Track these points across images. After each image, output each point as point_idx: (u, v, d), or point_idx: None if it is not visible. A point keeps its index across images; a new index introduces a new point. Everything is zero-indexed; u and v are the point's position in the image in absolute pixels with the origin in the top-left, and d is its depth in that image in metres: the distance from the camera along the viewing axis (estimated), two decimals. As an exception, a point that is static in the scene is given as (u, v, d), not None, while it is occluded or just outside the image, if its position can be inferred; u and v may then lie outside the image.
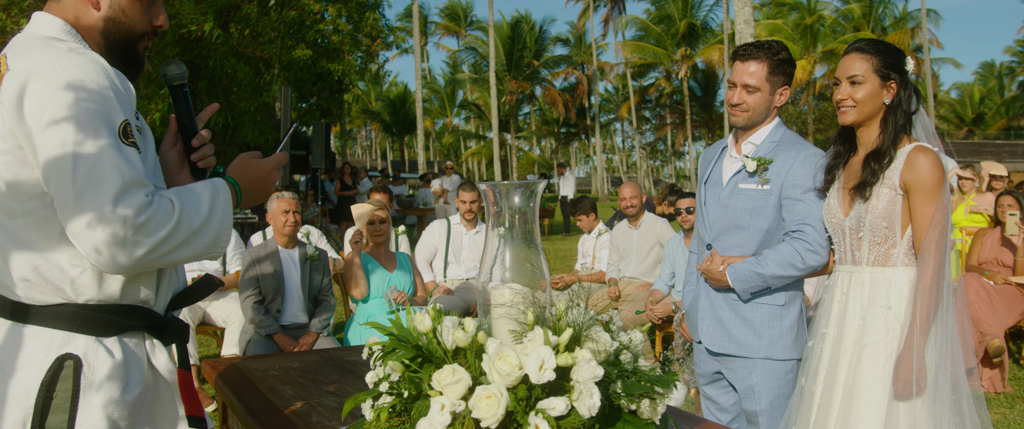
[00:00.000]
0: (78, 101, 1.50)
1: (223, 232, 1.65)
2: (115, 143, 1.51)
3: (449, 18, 54.46)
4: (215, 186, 1.68)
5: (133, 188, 1.50)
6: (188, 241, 1.57)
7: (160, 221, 1.52)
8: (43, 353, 1.58)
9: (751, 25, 12.75)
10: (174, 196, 1.59)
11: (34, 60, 1.53)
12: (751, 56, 2.81)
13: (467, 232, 6.45)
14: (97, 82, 1.53)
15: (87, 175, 1.47)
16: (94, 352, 1.60)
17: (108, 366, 1.60)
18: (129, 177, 1.50)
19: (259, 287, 4.84)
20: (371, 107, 53.75)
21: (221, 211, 1.65)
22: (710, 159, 3.06)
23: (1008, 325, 5.70)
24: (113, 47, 1.71)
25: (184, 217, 1.56)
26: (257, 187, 1.80)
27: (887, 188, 2.49)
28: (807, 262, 2.70)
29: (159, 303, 1.73)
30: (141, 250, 1.51)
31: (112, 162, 1.49)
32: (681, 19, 43.56)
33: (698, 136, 51.18)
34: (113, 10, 1.69)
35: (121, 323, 1.64)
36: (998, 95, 56.75)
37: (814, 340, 2.68)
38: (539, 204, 1.63)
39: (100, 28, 1.69)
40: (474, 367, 1.47)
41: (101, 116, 1.51)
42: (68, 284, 1.58)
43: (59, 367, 1.57)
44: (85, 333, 1.60)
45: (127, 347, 1.66)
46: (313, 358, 3.15)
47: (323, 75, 16.75)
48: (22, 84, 1.51)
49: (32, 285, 1.58)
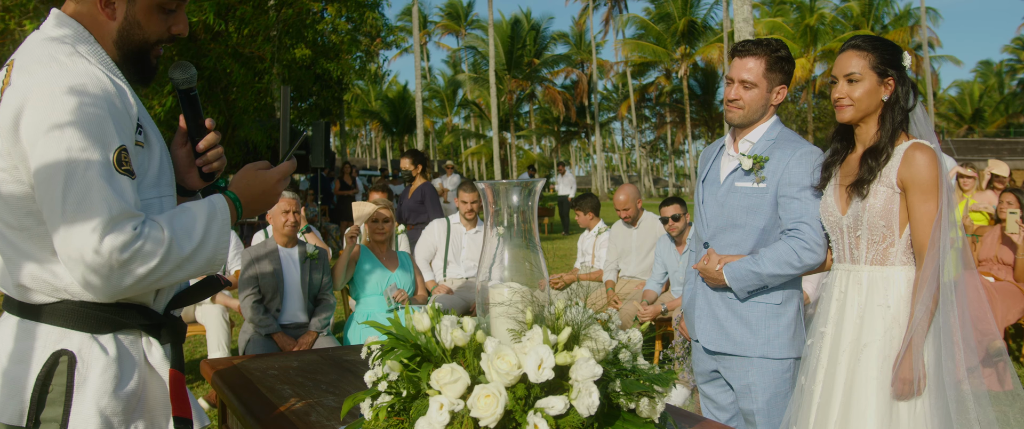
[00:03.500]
0: (73, 128, 1.50)
1: (219, 253, 1.65)
2: (107, 173, 1.52)
3: (449, 17, 54.45)
4: (213, 206, 1.67)
5: (122, 221, 1.51)
6: (180, 266, 1.59)
7: (148, 252, 1.53)
8: (39, 349, 1.61)
9: (750, 23, 12.74)
10: (166, 223, 1.59)
11: (35, 79, 1.54)
12: (749, 52, 2.81)
13: (467, 231, 6.46)
14: (94, 106, 1.53)
15: (76, 206, 1.49)
16: (88, 349, 1.62)
17: (102, 362, 1.63)
18: (117, 210, 1.50)
19: (258, 286, 4.84)
20: (371, 106, 53.73)
21: (216, 233, 1.65)
22: (709, 157, 3.06)
23: (1008, 323, 5.70)
24: (127, 55, 1.70)
25: (174, 245, 1.57)
26: (260, 200, 1.80)
27: (885, 186, 2.49)
28: (804, 260, 2.70)
29: (158, 302, 1.75)
30: (129, 280, 1.53)
31: (101, 194, 1.50)
32: (681, 17, 43.56)
33: (698, 135, 51.21)
34: (128, 22, 1.68)
35: (117, 321, 1.66)
36: (997, 93, 56.74)
37: (813, 339, 2.68)
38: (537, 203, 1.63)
39: (115, 38, 1.69)
40: (473, 366, 1.47)
41: (95, 144, 1.51)
42: (65, 288, 1.61)
43: (54, 363, 1.60)
44: (80, 330, 1.62)
45: (122, 344, 1.67)
46: (312, 357, 3.15)
47: (322, 75, 16.75)
48: (20, 106, 1.52)
49: (28, 290, 1.62)
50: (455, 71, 56.14)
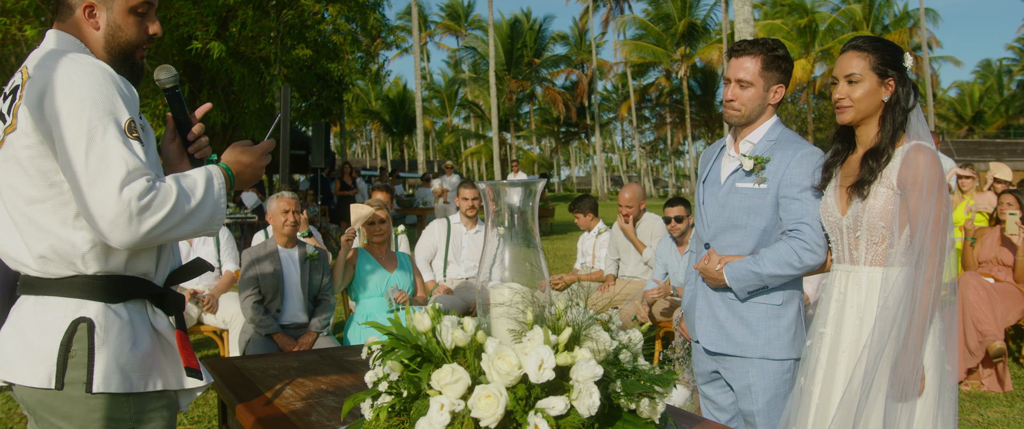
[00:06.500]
0: (90, 103, 1.74)
1: (218, 212, 1.87)
2: (122, 137, 1.75)
3: (449, 17, 54.45)
4: (209, 171, 1.90)
5: (137, 175, 1.72)
6: (186, 219, 1.79)
7: (160, 202, 1.74)
8: (60, 318, 1.82)
9: (750, 24, 12.74)
10: (173, 181, 1.80)
11: (52, 69, 1.78)
12: (745, 51, 2.82)
13: (467, 231, 6.45)
14: (105, 87, 1.78)
15: (97, 164, 1.71)
16: (104, 315, 1.84)
17: (117, 326, 1.85)
18: (133, 165, 1.72)
19: (259, 287, 4.84)
20: (371, 107, 53.72)
21: (215, 194, 1.87)
22: (709, 158, 3.06)
23: (1008, 324, 5.70)
24: (115, 58, 1.94)
25: (182, 199, 1.78)
26: (248, 170, 2.04)
27: (885, 187, 2.48)
28: (804, 261, 2.70)
29: (158, 276, 1.97)
30: (145, 227, 1.72)
31: (119, 153, 1.72)
32: (680, 19, 43.56)
33: (698, 135, 51.19)
34: (110, 28, 1.93)
35: (125, 292, 1.89)
36: (997, 94, 56.72)
37: (812, 340, 2.68)
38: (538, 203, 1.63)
39: (102, 44, 1.93)
40: (473, 366, 1.47)
41: (109, 115, 1.75)
42: (79, 259, 1.82)
43: (74, 329, 1.82)
44: (95, 300, 1.84)
45: (133, 310, 1.90)
46: (313, 358, 3.15)
47: (323, 75, 16.74)
48: (42, 89, 1.77)
49: (48, 261, 1.82)
50: (455, 71, 56.12)
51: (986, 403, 5.19)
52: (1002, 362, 5.46)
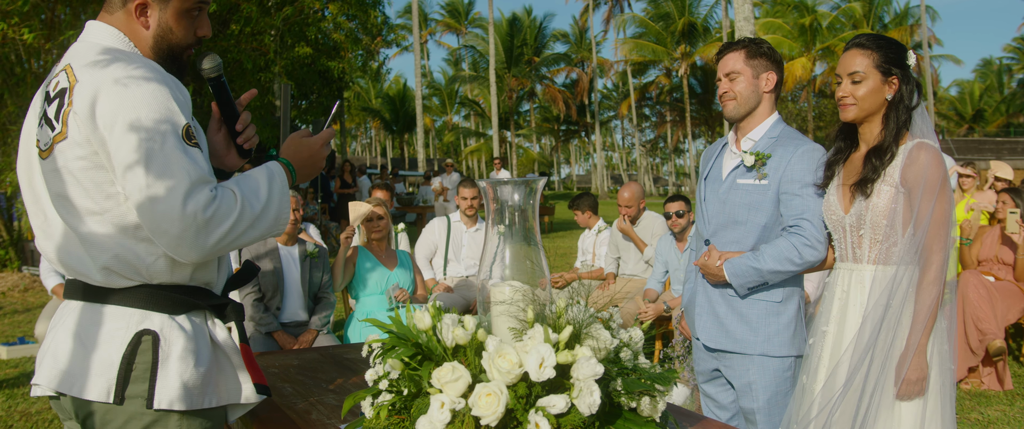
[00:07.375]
0: (145, 109, 1.65)
1: (283, 212, 1.80)
2: (180, 145, 1.66)
3: (449, 15, 54.43)
4: (271, 170, 1.83)
5: (199, 185, 1.65)
6: (253, 225, 1.73)
7: (225, 212, 1.67)
8: (123, 329, 1.74)
9: (751, 23, 12.74)
10: (235, 186, 1.74)
11: (104, 72, 1.68)
12: (728, 49, 2.91)
13: (467, 230, 6.45)
14: (160, 91, 1.68)
15: (158, 177, 1.62)
16: (169, 328, 1.76)
17: (182, 340, 1.76)
18: (195, 176, 1.65)
19: (259, 284, 4.83)
20: (371, 105, 53.73)
21: (278, 192, 1.80)
22: (711, 155, 3.07)
23: (1008, 322, 5.70)
24: (163, 59, 1.85)
25: (246, 205, 1.72)
26: (309, 164, 1.96)
27: (888, 185, 2.48)
28: (804, 257, 2.70)
29: (218, 285, 1.90)
30: (213, 239, 1.66)
31: (180, 164, 1.64)
32: (680, 17, 43.54)
33: (698, 134, 51.18)
34: (161, 28, 1.83)
35: (189, 302, 1.80)
36: (998, 92, 56.71)
37: (814, 338, 2.67)
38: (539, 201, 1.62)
39: (150, 44, 1.83)
40: (474, 365, 1.47)
41: (166, 122, 1.66)
42: (144, 269, 1.74)
43: (138, 341, 1.73)
44: (159, 311, 1.76)
45: (195, 323, 1.82)
46: (313, 356, 3.15)
47: (324, 73, 16.75)
48: (93, 96, 1.66)
49: (112, 272, 1.73)
50: (455, 69, 56.10)
51: (986, 401, 5.19)
52: (1002, 360, 5.46)
